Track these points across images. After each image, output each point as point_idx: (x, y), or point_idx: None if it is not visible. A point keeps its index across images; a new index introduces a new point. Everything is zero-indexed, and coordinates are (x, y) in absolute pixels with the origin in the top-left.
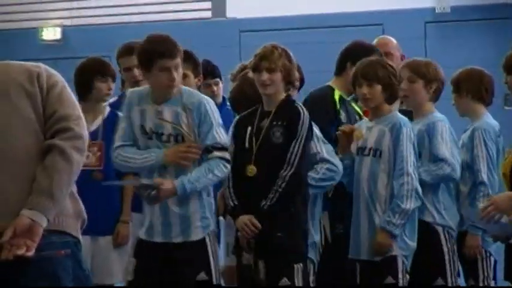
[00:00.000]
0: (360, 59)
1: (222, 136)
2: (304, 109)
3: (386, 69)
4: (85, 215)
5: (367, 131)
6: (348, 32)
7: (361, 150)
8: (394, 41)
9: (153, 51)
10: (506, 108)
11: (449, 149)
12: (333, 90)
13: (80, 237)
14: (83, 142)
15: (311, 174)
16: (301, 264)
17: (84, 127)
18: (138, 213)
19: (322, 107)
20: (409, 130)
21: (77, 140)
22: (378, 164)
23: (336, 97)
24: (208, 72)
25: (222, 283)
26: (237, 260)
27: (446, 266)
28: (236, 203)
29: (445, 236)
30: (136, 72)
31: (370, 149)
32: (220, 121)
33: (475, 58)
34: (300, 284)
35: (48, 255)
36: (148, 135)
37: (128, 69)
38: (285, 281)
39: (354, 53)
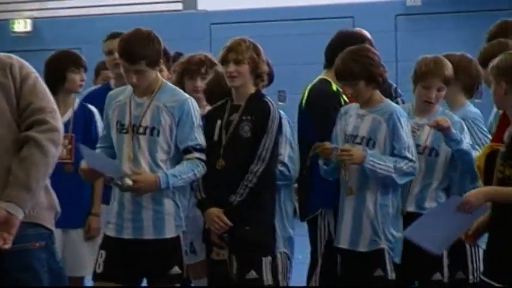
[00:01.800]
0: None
1: (202, 137)
2: (274, 103)
3: (360, 62)
4: (58, 208)
5: (357, 118)
6: (318, 24)
7: (351, 137)
8: (366, 33)
9: (119, 52)
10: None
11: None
12: (329, 82)
13: (54, 229)
14: (59, 135)
15: None
16: (269, 258)
17: (59, 120)
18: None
19: (328, 100)
20: (406, 119)
21: (53, 132)
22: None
23: (334, 89)
24: None
25: None
26: (207, 256)
27: (443, 261)
28: (204, 195)
29: None
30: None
31: (362, 138)
32: (201, 122)
33: (445, 51)
34: (269, 277)
35: (23, 248)
36: (125, 129)
37: (110, 52)
38: (252, 274)
39: (343, 44)
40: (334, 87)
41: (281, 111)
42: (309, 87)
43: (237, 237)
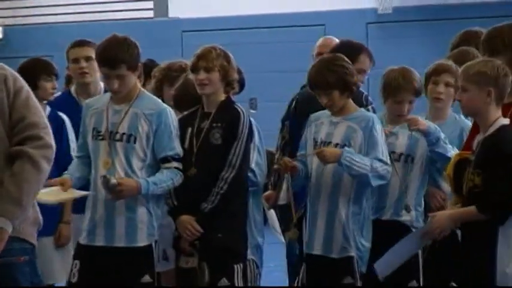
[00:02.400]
0: (350, 59)
1: (179, 147)
2: (244, 111)
3: (335, 71)
4: (41, 222)
5: (330, 125)
6: (289, 32)
7: (324, 144)
8: (337, 41)
9: (99, 60)
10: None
11: None
12: None
13: (36, 243)
14: (52, 152)
15: None
16: (241, 265)
17: (51, 136)
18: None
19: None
20: (381, 127)
21: (46, 149)
22: None
23: None
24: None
25: None
26: (176, 263)
27: (420, 269)
28: (176, 203)
29: None
30: (84, 63)
31: (336, 144)
32: (178, 131)
33: (416, 58)
34: (240, 284)
35: (9, 261)
36: (102, 136)
37: (76, 61)
38: (224, 281)
39: (343, 53)
40: None
41: (251, 119)
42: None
43: (209, 244)
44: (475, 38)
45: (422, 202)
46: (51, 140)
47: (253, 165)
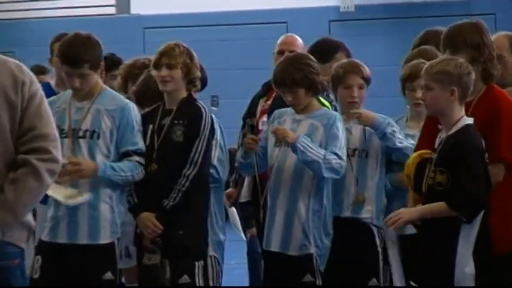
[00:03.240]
0: (327, 56)
1: (142, 142)
2: (206, 108)
3: (301, 70)
4: (33, 226)
5: (293, 123)
6: (252, 30)
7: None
8: (299, 39)
9: (61, 57)
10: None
11: None
12: None
13: (25, 246)
14: (58, 167)
15: None
16: (202, 262)
17: (59, 149)
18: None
19: None
20: (342, 124)
21: (52, 163)
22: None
23: None
24: (115, 63)
25: None
26: (138, 260)
27: (380, 267)
28: (137, 200)
29: (379, 237)
30: None
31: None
32: (140, 127)
33: (379, 56)
34: (201, 282)
35: (4, 265)
36: (65, 133)
37: None
38: (185, 278)
39: (320, 50)
40: None
41: (213, 116)
42: None
43: (170, 241)
44: (435, 38)
45: (384, 199)
46: (58, 154)
47: (215, 162)
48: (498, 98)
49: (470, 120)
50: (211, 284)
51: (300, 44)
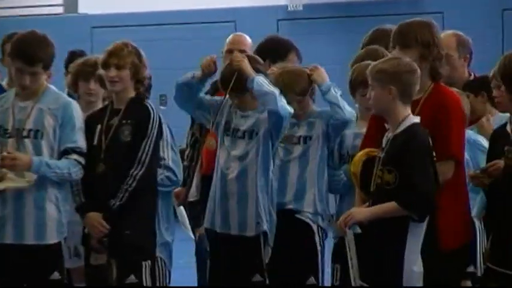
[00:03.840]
0: (280, 57)
1: (83, 141)
2: (154, 108)
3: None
4: None
5: (241, 119)
6: (200, 29)
7: (235, 131)
8: (248, 38)
9: (15, 52)
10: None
11: None
12: None
13: None
14: None
15: None
16: (149, 262)
17: None
18: None
19: None
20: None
21: None
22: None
23: None
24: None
25: None
26: (86, 260)
27: (318, 265)
28: (84, 200)
29: (319, 235)
30: None
31: (244, 132)
32: (83, 125)
33: (327, 55)
34: (148, 282)
35: None
36: (9, 133)
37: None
38: (132, 278)
39: (273, 50)
40: None
41: (160, 116)
42: None
43: (117, 241)
44: (384, 36)
45: (324, 189)
46: None
47: (170, 164)
48: (446, 95)
49: (416, 119)
50: (158, 283)
51: (249, 43)
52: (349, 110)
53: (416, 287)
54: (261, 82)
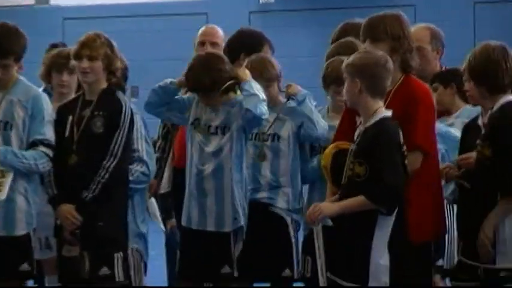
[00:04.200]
0: (252, 49)
1: (51, 134)
2: (126, 100)
3: (211, 76)
4: None
5: (212, 113)
6: (172, 20)
7: (207, 126)
8: (220, 30)
9: None
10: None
11: None
12: None
13: None
14: None
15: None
16: (121, 253)
17: None
18: None
19: None
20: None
21: None
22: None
23: None
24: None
25: None
26: (58, 252)
27: (293, 258)
28: (56, 191)
29: (293, 227)
30: None
31: (216, 128)
32: (52, 118)
33: (300, 47)
34: (121, 273)
35: None
36: None
37: None
38: (104, 270)
39: (246, 44)
40: None
41: (133, 106)
42: None
43: (89, 233)
44: (354, 30)
45: (299, 187)
46: None
47: (145, 156)
48: (415, 87)
49: (388, 113)
50: (132, 275)
51: (221, 35)
52: (322, 125)
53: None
54: (253, 85)
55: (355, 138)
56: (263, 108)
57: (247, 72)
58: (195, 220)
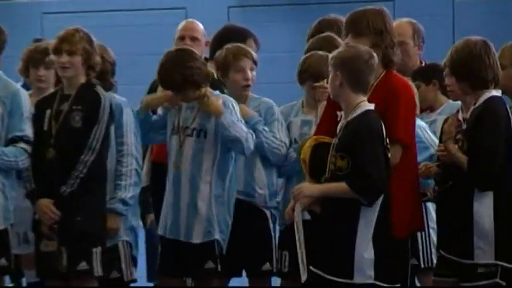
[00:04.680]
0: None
1: (30, 130)
2: (105, 94)
3: (182, 73)
4: None
5: (187, 110)
6: (150, 15)
7: (184, 129)
8: (200, 25)
9: None
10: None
11: None
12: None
13: None
14: None
15: (119, 167)
16: (99, 248)
17: None
18: None
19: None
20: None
21: None
22: (203, 144)
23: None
24: None
25: None
26: (36, 247)
27: (273, 251)
28: (34, 186)
29: (273, 221)
30: None
31: (193, 130)
32: (30, 114)
33: (279, 43)
34: (99, 268)
35: None
36: None
37: None
38: (83, 264)
39: (231, 39)
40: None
41: (124, 99)
42: None
43: (68, 228)
44: (329, 26)
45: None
46: None
47: (133, 151)
48: (396, 82)
49: (370, 106)
50: (123, 267)
51: (201, 29)
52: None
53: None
54: (230, 123)
55: (337, 132)
56: (251, 145)
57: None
58: (168, 230)
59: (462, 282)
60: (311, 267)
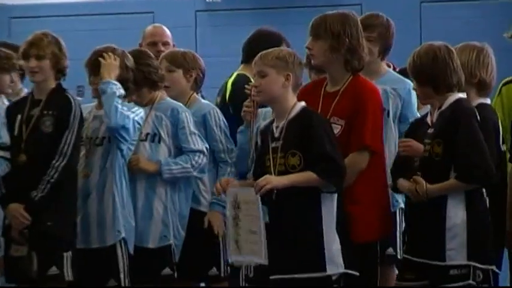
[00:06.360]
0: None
1: (6, 135)
2: (75, 99)
3: (141, 70)
4: None
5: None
6: (118, 19)
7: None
8: (167, 30)
9: None
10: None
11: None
12: (248, 78)
13: None
14: None
15: None
16: (70, 253)
17: None
18: None
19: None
20: (189, 114)
21: None
22: (158, 149)
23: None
24: None
25: None
26: (5, 252)
27: (220, 256)
28: (4, 191)
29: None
30: None
31: (147, 135)
32: (4, 120)
33: None
34: (69, 273)
35: None
36: None
37: None
38: (54, 269)
39: (262, 42)
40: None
41: (82, 106)
42: (230, 82)
43: (38, 232)
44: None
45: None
46: None
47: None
48: (363, 87)
49: (303, 103)
50: (121, 266)
51: (169, 34)
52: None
53: None
54: (170, 169)
55: (276, 135)
56: (203, 166)
57: None
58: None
59: (433, 285)
60: (277, 276)
